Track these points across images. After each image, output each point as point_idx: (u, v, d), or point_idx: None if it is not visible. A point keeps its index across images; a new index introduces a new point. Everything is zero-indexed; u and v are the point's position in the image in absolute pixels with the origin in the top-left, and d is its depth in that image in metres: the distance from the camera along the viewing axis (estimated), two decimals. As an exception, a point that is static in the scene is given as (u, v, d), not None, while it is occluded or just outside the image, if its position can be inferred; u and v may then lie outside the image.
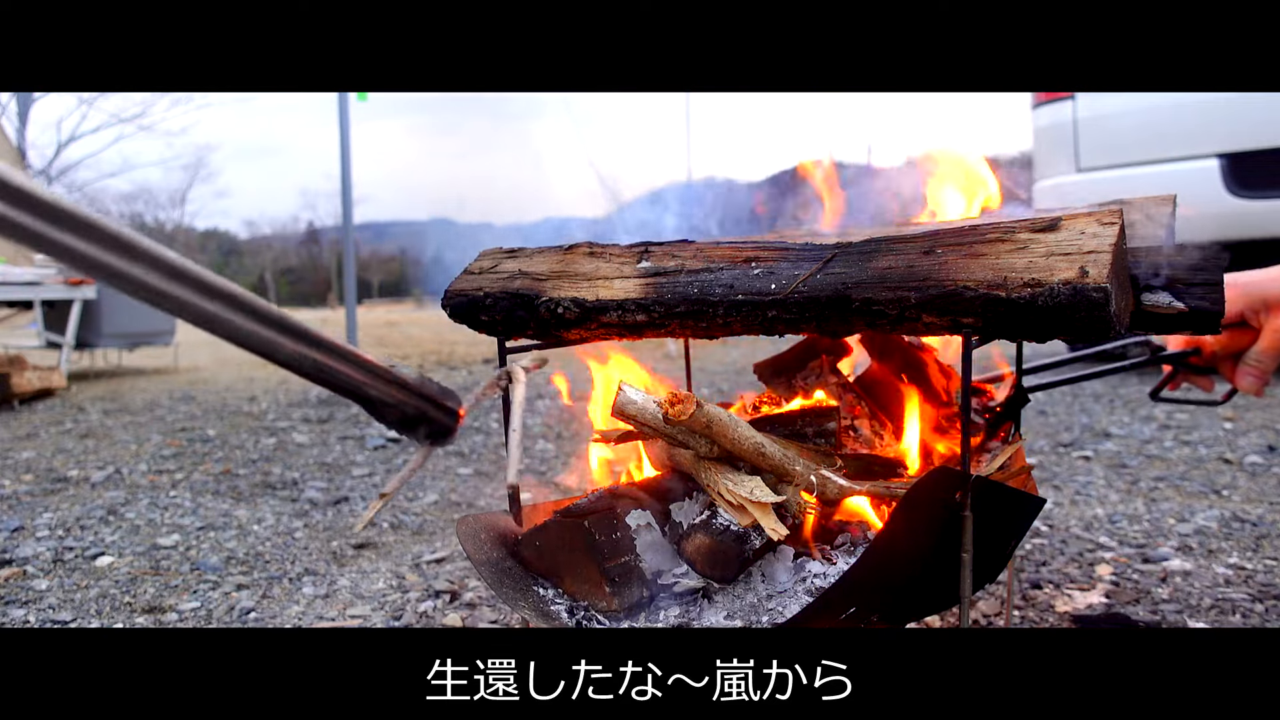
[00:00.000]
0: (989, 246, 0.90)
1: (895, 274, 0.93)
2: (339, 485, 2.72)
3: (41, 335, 5.76)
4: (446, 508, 2.48)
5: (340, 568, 1.96)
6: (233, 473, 2.91)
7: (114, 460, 3.12)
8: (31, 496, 2.62)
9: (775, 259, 1.03)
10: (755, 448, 1.10)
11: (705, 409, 1.06)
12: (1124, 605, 1.58)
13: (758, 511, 1.07)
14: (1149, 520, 2.10)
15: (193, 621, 1.66)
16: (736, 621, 1.07)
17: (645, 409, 1.09)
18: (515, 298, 1.15)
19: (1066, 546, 1.93)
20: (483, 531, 1.19)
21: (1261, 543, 1.90)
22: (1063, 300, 0.82)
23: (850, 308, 0.94)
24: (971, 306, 0.87)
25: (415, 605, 1.70)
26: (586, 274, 1.14)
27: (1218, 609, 1.55)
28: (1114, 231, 0.86)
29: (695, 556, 1.13)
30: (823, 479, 1.13)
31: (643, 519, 1.24)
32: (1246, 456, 2.69)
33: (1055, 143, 4.52)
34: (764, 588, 1.12)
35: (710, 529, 1.12)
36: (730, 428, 1.08)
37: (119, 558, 2.03)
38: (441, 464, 3.03)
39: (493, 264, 1.22)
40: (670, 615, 1.12)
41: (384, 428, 3.69)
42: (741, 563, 1.11)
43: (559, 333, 1.16)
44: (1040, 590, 1.67)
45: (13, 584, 1.85)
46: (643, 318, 1.08)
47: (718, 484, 1.11)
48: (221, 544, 2.12)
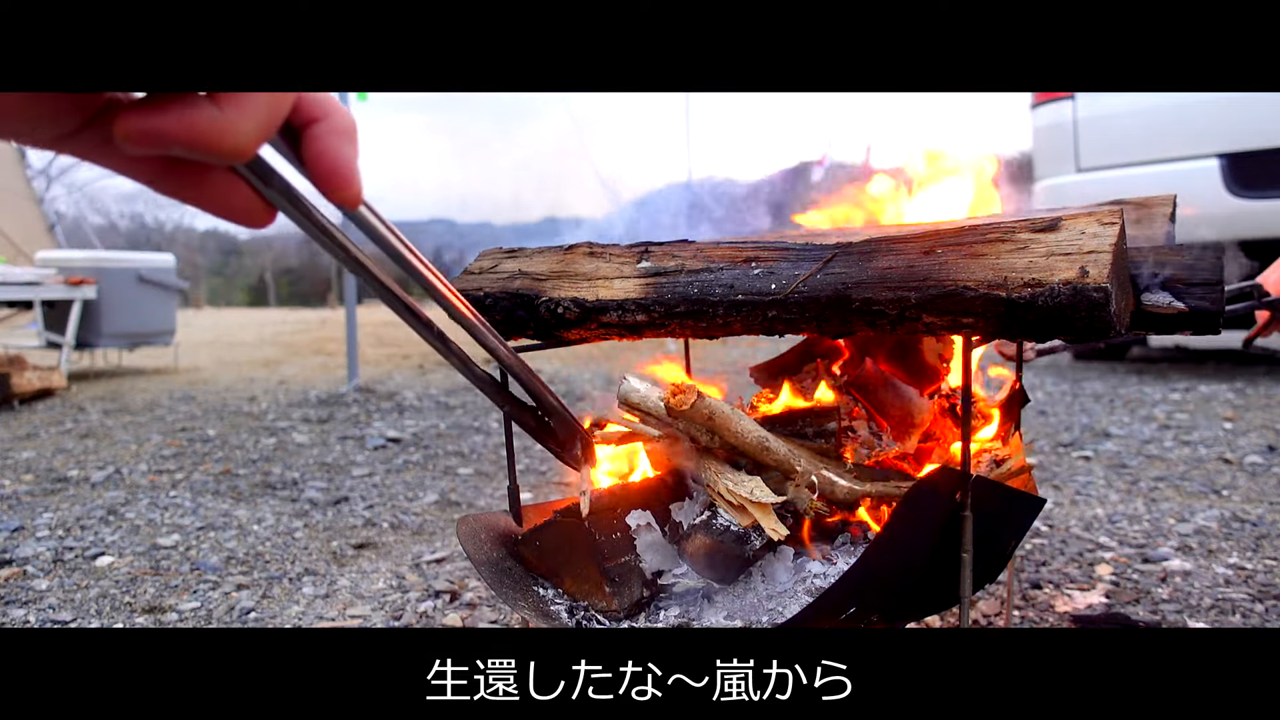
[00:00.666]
0: (989, 246, 0.90)
1: (895, 274, 0.93)
2: (339, 485, 2.72)
3: (41, 335, 5.76)
4: (446, 508, 2.48)
5: (340, 568, 1.96)
6: (233, 473, 2.91)
7: (114, 460, 3.12)
8: (31, 496, 2.62)
9: (775, 259, 1.03)
10: (759, 442, 1.10)
11: (707, 400, 1.07)
12: (1124, 605, 1.58)
13: (758, 512, 1.07)
14: (1149, 520, 2.11)
15: (193, 621, 1.66)
16: (736, 621, 1.07)
17: (648, 399, 1.09)
18: (515, 298, 1.15)
19: (1066, 546, 1.93)
20: (483, 531, 1.19)
21: (1261, 543, 1.90)
22: (1063, 300, 0.82)
23: (850, 308, 0.94)
24: (972, 306, 0.87)
25: (415, 605, 1.70)
26: (586, 274, 1.14)
27: (1218, 609, 1.55)
28: (1114, 231, 0.86)
29: (695, 557, 1.13)
30: (826, 479, 1.13)
31: (643, 519, 1.24)
32: (1246, 456, 2.69)
33: (1055, 143, 4.52)
34: (764, 588, 1.12)
35: (710, 529, 1.12)
36: (733, 420, 1.08)
37: (119, 558, 2.03)
38: (441, 464, 3.03)
39: (493, 264, 1.22)
40: (670, 615, 1.12)
41: (384, 428, 3.70)
42: (742, 563, 1.11)
43: (559, 333, 1.16)
44: (1040, 590, 1.67)
45: (13, 584, 1.85)
46: (643, 318, 1.08)
47: (718, 484, 1.12)
48: (221, 544, 2.12)
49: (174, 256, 6.80)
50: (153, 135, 0.41)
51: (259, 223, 0.49)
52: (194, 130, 0.41)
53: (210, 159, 0.43)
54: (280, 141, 0.48)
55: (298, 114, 0.48)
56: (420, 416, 4.04)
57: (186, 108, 0.41)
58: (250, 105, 0.42)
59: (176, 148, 0.41)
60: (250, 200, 0.48)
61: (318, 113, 0.48)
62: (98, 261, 6.06)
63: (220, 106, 0.41)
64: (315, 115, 0.48)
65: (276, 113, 0.44)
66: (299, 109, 0.48)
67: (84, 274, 5.80)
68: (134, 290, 6.11)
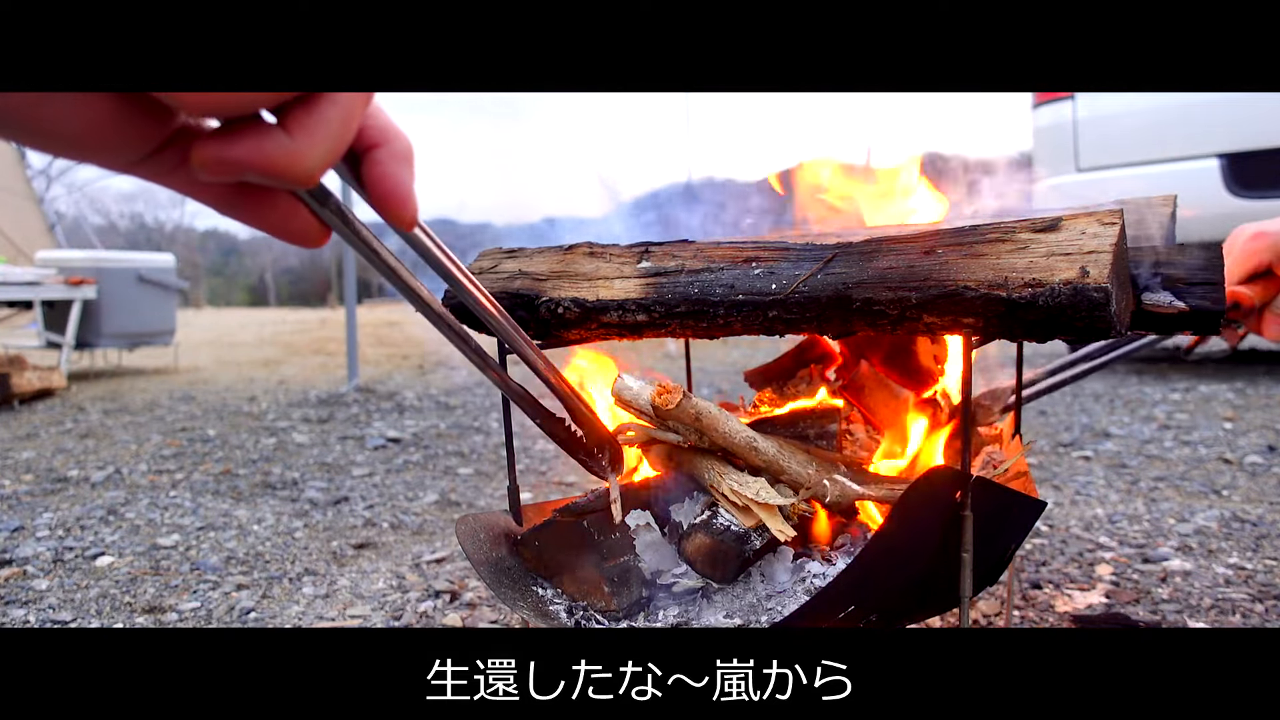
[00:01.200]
0: (989, 246, 0.90)
1: (896, 274, 0.93)
2: (339, 485, 2.72)
3: (41, 335, 5.76)
4: (446, 508, 2.48)
5: (340, 568, 1.96)
6: (233, 473, 2.91)
7: (114, 460, 3.12)
8: (31, 496, 2.62)
9: (776, 259, 1.03)
10: (747, 442, 1.10)
11: (693, 401, 1.07)
12: (1124, 605, 1.58)
13: (764, 513, 1.07)
14: (1149, 520, 2.10)
15: (193, 621, 1.66)
16: (736, 621, 1.07)
17: (640, 397, 1.10)
18: (515, 298, 1.15)
19: (1066, 546, 1.93)
20: (482, 531, 1.19)
21: (1261, 543, 1.90)
22: (1063, 300, 0.82)
23: (851, 308, 0.94)
24: (972, 306, 0.87)
25: (415, 605, 1.70)
26: (586, 274, 1.14)
27: (1218, 609, 1.55)
28: (1114, 231, 0.86)
29: (695, 556, 1.13)
30: (818, 482, 1.13)
31: (642, 519, 1.24)
32: (1246, 456, 2.69)
33: (1055, 143, 4.52)
34: (763, 588, 1.12)
35: (711, 529, 1.12)
36: (720, 421, 1.09)
37: (119, 558, 2.03)
38: (441, 464, 3.03)
39: (492, 264, 1.22)
40: (669, 615, 1.12)
41: (384, 428, 3.70)
42: (742, 563, 1.11)
43: (559, 333, 1.16)
44: (1040, 590, 1.67)
45: (13, 584, 1.85)
46: (643, 318, 1.08)
47: (721, 484, 1.12)
48: (221, 544, 2.12)
49: (174, 256, 6.80)
50: (229, 163, 0.42)
51: (315, 242, 0.52)
52: (267, 158, 0.43)
53: (279, 184, 0.45)
54: (343, 165, 0.50)
55: (360, 139, 0.50)
56: (420, 416, 4.04)
57: (260, 137, 0.43)
58: (319, 133, 0.44)
59: (250, 174, 0.43)
60: (308, 221, 0.51)
61: (379, 138, 0.50)
62: (98, 261, 6.06)
63: (291, 134, 0.43)
64: (376, 141, 0.50)
65: (342, 140, 0.46)
66: (361, 134, 0.50)
67: (84, 274, 5.80)
68: (134, 290, 6.11)
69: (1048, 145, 4.59)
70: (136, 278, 6.13)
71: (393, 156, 0.50)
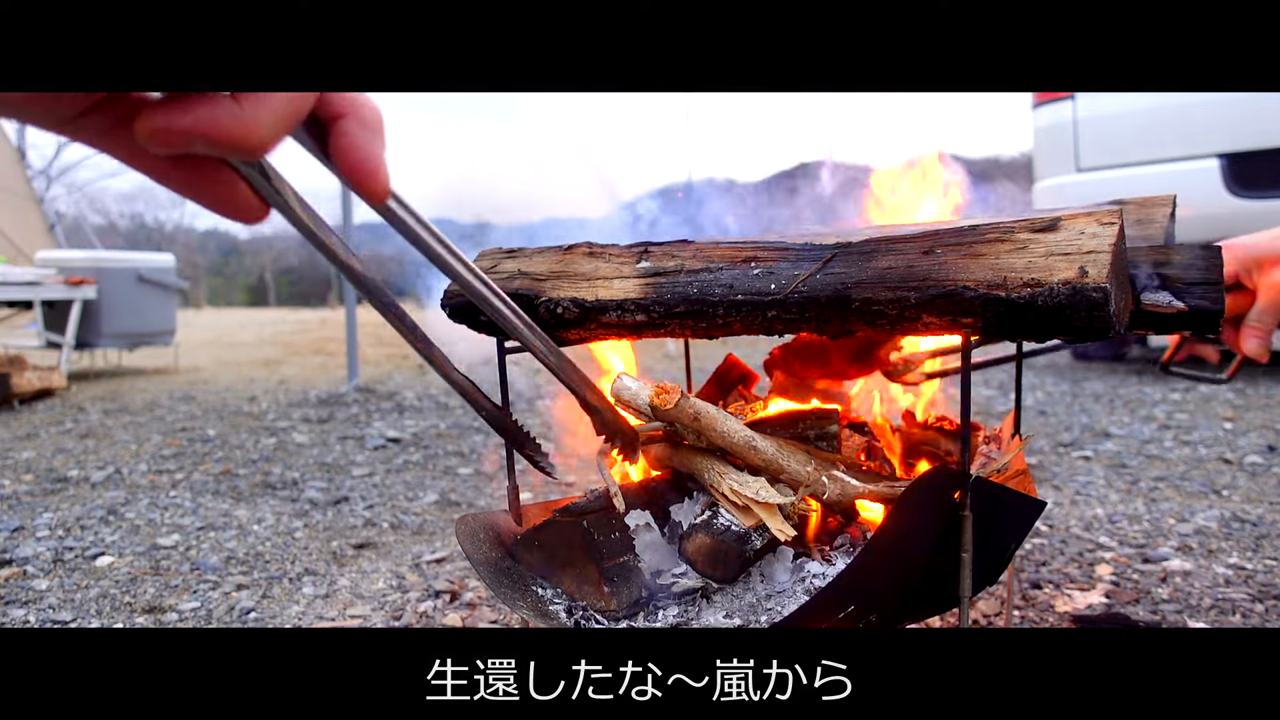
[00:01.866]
0: (989, 246, 0.90)
1: (895, 274, 0.93)
2: (339, 485, 2.72)
3: (41, 335, 5.76)
4: (446, 508, 2.48)
5: (340, 568, 1.96)
6: (233, 473, 2.91)
7: (114, 460, 3.12)
8: (31, 496, 2.62)
9: (775, 259, 1.03)
10: (745, 442, 1.10)
11: (691, 401, 1.07)
12: (1124, 605, 1.58)
13: (764, 512, 1.07)
14: (1149, 520, 2.11)
15: (193, 621, 1.66)
16: (736, 621, 1.07)
17: (638, 396, 1.10)
18: (515, 298, 1.15)
19: (1066, 546, 1.93)
20: (482, 531, 1.19)
21: (1261, 543, 1.90)
22: (1062, 300, 0.82)
23: (850, 308, 0.94)
24: (971, 306, 0.87)
25: (415, 605, 1.70)
26: (586, 274, 1.14)
27: (1218, 609, 1.55)
28: (1114, 231, 0.86)
29: (696, 556, 1.13)
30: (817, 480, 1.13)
31: (642, 519, 1.24)
32: (1246, 456, 2.69)
33: (1055, 143, 4.52)
34: (763, 588, 1.12)
35: (711, 529, 1.12)
36: (718, 421, 1.09)
37: (119, 558, 2.03)
38: (441, 464, 3.03)
39: (492, 264, 1.22)
40: (669, 615, 1.12)
41: (384, 428, 3.70)
42: (743, 563, 1.11)
43: (558, 333, 1.16)
44: (1040, 590, 1.67)
45: (13, 584, 1.85)
46: (642, 318, 1.08)
47: (722, 484, 1.12)
48: (221, 544, 2.12)
49: (174, 256, 6.80)
50: (177, 133, 0.40)
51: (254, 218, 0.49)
52: (217, 128, 0.41)
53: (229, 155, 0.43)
54: (306, 136, 0.48)
55: (324, 108, 0.47)
56: (420, 416, 4.04)
57: (209, 105, 0.41)
58: (270, 102, 0.42)
59: (199, 145, 0.41)
60: (248, 196, 0.48)
61: (345, 107, 0.48)
62: (98, 261, 6.06)
63: (240, 104, 0.41)
64: (342, 110, 0.48)
65: (296, 109, 0.44)
66: (325, 103, 0.47)
67: (84, 274, 5.80)
68: (134, 290, 6.11)
69: (1048, 145, 4.59)
70: (136, 278, 6.13)
71: (361, 125, 0.48)
